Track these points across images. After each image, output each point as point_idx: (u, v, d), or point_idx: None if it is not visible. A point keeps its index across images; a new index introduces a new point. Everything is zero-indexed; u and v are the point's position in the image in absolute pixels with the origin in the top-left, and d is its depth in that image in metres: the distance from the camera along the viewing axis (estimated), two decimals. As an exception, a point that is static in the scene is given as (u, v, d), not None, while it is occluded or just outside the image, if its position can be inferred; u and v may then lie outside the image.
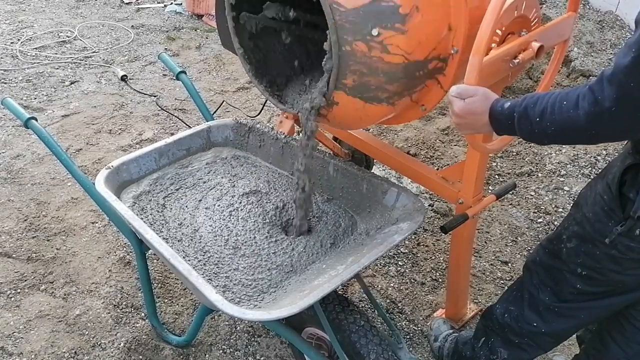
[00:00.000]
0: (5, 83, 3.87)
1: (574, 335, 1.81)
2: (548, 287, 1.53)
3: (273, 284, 1.53)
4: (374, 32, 1.35)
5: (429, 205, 2.82)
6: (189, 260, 1.59)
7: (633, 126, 1.10)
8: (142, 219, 1.69)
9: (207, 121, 2.13)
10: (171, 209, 1.81)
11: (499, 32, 1.46)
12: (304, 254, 1.64)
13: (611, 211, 1.31)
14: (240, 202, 1.85)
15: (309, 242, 1.68)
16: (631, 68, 1.02)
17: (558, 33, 1.66)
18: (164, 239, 1.65)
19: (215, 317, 2.20)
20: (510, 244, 2.63)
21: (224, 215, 1.79)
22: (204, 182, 1.93)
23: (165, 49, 4.47)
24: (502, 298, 1.71)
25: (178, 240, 1.68)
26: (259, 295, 1.49)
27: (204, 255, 1.63)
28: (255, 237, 1.70)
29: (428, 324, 2.20)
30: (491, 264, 2.52)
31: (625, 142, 1.34)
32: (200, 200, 1.85)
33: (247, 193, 1.88)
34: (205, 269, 1.58)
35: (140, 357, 2.05)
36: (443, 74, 1.51)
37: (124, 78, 3.96)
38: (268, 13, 1.73)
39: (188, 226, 1.75)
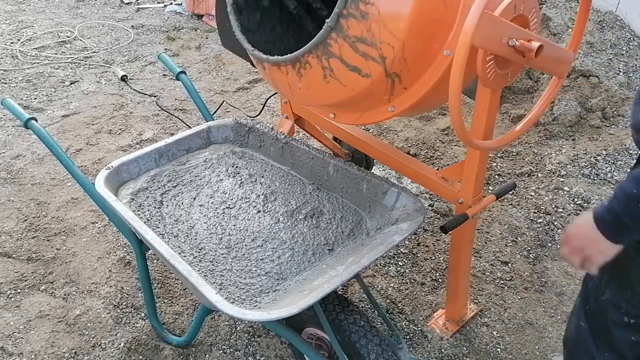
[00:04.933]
0: (5, 83, 3.87)
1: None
2: (605, 353, 1.42)
3: (265, 290, 1.53)
4: None
5: (429, 205, 2.82)
6: (185, 257, 1.60)
7: None
8: (139, 215, 1.70)
9: (207, 121, 2.14)
10: (168, 205, 1.82)
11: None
12: (293, 263, 1.62)
13: None
14: (232, 199, 1.85)
15: (296, 250, 1.67)
16: None
17: (555, 60, 1.61)
18: (160, 234, 1.65)
19: (215, 317, 2.20)
20: (510, 244, 2.63)
21: (217, 213, 1.80)
22: (201, 179, 1.94)
23: (165, 49, 4.47)
24: None
25: (174, 236, 1.69)
26: (251, 299, 1.49)
27: (199, 252, 1.64)
28: (244, 239, 1.70)
29: (428, 324, 2.20)
30: (491, 264, 2.51)
31: None
32: (195, 198, 1.86)
33: (241, 184, 1.90)
34: (201, 266, 1.58)
35: (140, 357, 2.05)
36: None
37: (124, 78, 3.96)
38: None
39: (184, 222, 1.75)
